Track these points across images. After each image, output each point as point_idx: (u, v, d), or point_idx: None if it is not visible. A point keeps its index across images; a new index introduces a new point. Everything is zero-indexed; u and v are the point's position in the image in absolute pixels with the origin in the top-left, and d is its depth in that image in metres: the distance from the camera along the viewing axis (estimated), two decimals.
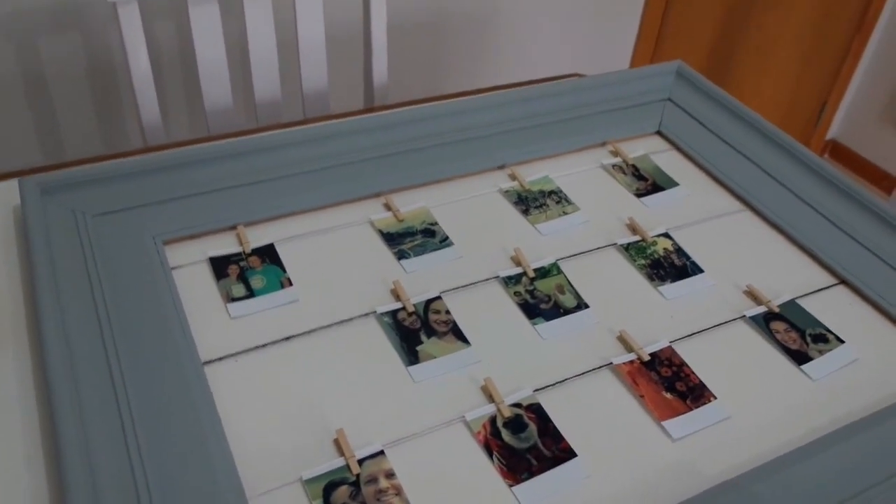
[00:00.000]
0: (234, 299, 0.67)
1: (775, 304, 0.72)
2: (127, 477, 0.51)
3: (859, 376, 0.67)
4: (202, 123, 1.00)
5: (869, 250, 0.78)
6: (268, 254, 0.72)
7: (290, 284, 0.69)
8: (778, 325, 0.71)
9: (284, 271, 0.71)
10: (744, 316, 0.71)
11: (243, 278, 0.69)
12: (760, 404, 0.64)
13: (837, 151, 2.39)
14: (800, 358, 0.68)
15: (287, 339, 0.65)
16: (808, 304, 0.73)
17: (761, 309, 0.72)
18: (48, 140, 1.15)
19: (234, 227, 0.75)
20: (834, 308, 0.74)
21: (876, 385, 0.66)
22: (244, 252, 0.72)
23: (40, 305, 0.61)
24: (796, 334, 0.70)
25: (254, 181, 0.78)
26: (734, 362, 0.67)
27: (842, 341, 0.70)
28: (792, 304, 0.73)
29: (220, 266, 0.70)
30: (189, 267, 0.70)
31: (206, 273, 0.70)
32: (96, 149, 1.18)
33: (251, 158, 0.79)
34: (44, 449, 0.54)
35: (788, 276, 0.77)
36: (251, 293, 0.68)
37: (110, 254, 0.68)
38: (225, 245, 0.73)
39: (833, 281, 0.77)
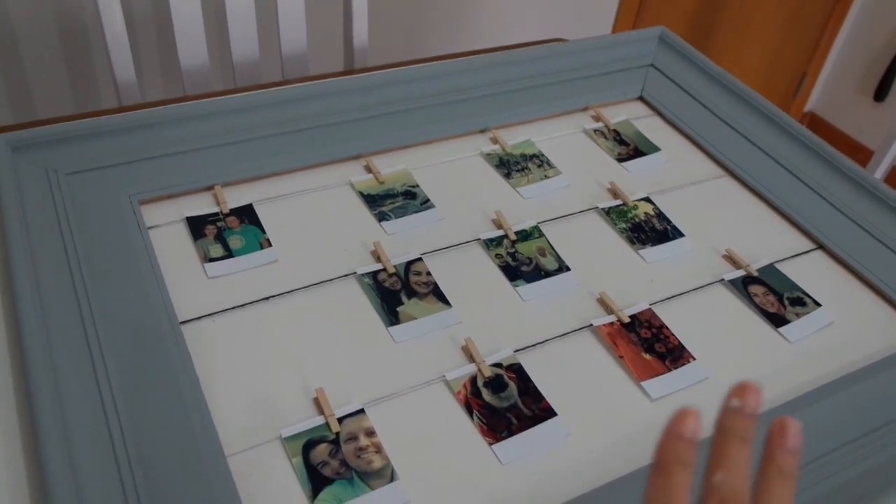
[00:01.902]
0: (211, 259, 0.66)
1: (754, 268, 0.73)
2: (104, 438, 0.50)
3: (835, 339, 0.68)
4: (178, 84, 0.98)
5: (846, 216, 0.79)
6: (246, 214, 0.71)
7: (270, 245, 0.69)
8: (756, 289, 0.71)
9: (263, 232, 0.70)
10: (723, 279, 0.72)
11: (221, 238, 0.68)
12: (738, 366, 0.64)
13: (815, 123, 2.40)
14: (777, 321, 0.68)
15: (266, 299, 0.64)
16: (786, 269, 0.74)
17: (740, 273, 0.72)
18: (18, 100, 1.12)
19: (211, 188, 0.73)
20: (811, 272, 0.74)
21: (851, 347, 0.67)
22: (222, 212, 0.71)
23: (13, 266, 0.59)
24: (774, 298, 0.70)
25: (232, 141, 0.76)
26: (713, 325, 0.68)
27: (819, 305, 0.70)
28: (770, 269, 0.73)
29: (197, 226, 0.69)
30: (165, 227, 0.69)
31: (183, 233, 0.69)
32: (68, 109, 1.15)
33: (229, 118, 0.78)
34: (18, 412, 0.53)
35: (767, 240, 0.77)
36: (229, 253, 0.67)
37: (85, 213, 0.67)
38: (202, 205, 0.72)
39: (811, 246, 0.78)
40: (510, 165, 0.82)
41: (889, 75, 2.18)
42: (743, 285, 0.71)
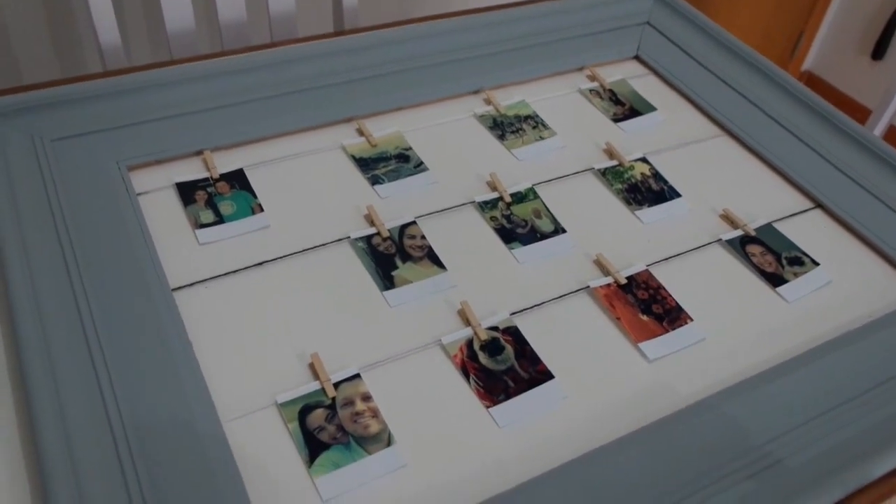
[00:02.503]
0: (202, 225, 0.65)
1: (751, 227, 0.72)
2: (98, 408, 0.50)
3: (833, 298, 0.68)
4: (164, 48, 0.96)
5: (845, 174, 0.78)
6: (237, 179, 0.70)
7: (262, 210, 0.68)
8: (754, 249, 0.70)
9: (255, 197, 0.69)
10: (720, 239, 0.71)
11: (212, 204, 0.67)
12: (736, 326, 0.64)
13: (813, 83, 2.38)
14: (775, 280, 0.68)
15: (259, 264, 0.63)
16: (784, 228, 0.73)
17: (738, 232, 0.72)
18: (1, 65, 1.10)
19: (200, 153, 0.72)
20: (809, 231, 0.74)
21: (849, 306, 0.67)
22: (212, 177, 0.70)
23: (1, 236, 0.58)
24: (772, 257, 0.70)
25: (221, 105, 0.75)
26: (710, 285, 0.67)
27: (816, 264, 0.70)
28: (768, 228, 0.73)
29: (187, 192, 0.68)
30: (155, 193, 0.68)
31: (173, 199, 0.68)
32: (53, 74, 1.13)
33: (218, 82, 0.76)
34: (11, 382, 0.53)
35: (765, 200, 0.77)
36: (220, 219, 0.66)
37: (72, 180, 0.66)
38: (192, 171, 0.71)
39: (809, 205, 0.77)
40: (504, 127, 0.81)
41: (887, 33, 2.15)
42: (740, 245, 0.71)
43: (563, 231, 0.70)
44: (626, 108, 0.86)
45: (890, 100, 1.32)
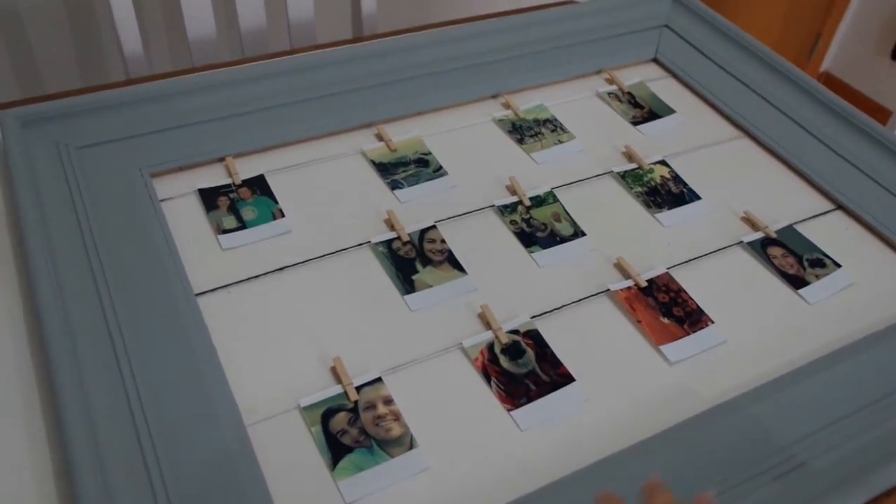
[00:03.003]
0: (224, 231, 0.66)
1: (772, 229, 0.72)
2: (124, 413, 0.50)
3: (855, 300, 0.67)
4: (185, 55, 0.97)
5: (866, 175, 0.78)
6: (258, 185, 0.71)
7: (283, 216, 0.68)
8: (775, 251, 0.70)
9: (276, 202, 0.69)
10: (741, 242, 0.71)
11: (234, 210, 0.68)
12: (757, 328, 0.64)
13: (831, 84, 2.36)
14: (797, 282, 0.68)
15: (280, 269, 0.64)
16: (806, 230, 0.73)
17: (758, 235, 0.71)
18: (25, 74, 1.11)
19: (222, 159, 0.73)
20: (831, 233, 0.73)
21: (872, 308, 0.66)
22: (234, 183, 0.70)
23: (28, 242, 0.59)
24: (793, 259, 0.70)
25: (242, 112, 0.76)
26: (732, 288, 0.67)
27: (838, 266, 0.69)
28: (789, 230, 0.72)
29: (209, 198, 0.69)
30: (178, 199, 0.69)
31: (196, 205, 0.69)
32: (75, 83, 1.15)
33: (239, 89, 0.77)
34: (38, 387, 0.54)
35: (785, 201, 0.76)
36: (243, 225, 0.67)
37: (97, 187, 0.67)
38: (214, 177, 0.71)
39: (830, 206, 0.76)
40: (523, 131, 0.81)
41: None
42: (762, 247, 0.70)
43: (583, 234, 0.70)
44: (644, 110, 0.86)
45: None
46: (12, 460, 0.50)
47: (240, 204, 0.69)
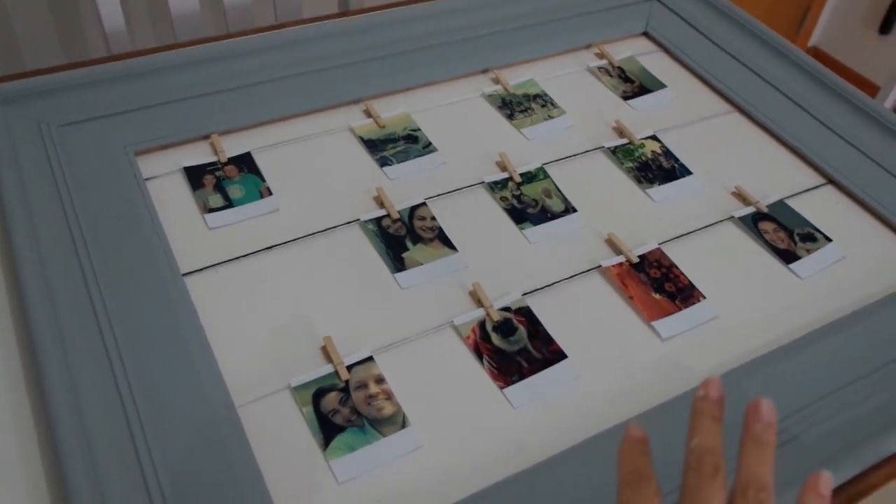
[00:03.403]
0: (211, 210, 0.65)
1: (763, 204, 0.72)
2: (112, 395, 0.50)
3: (846, 274, 0.67)
4: (168, 31, 0.95)
5: (857, 149, 0.77)
6: (245, 163, 0.70)
7: (270, 194, 0.67)
8: (766, 226, 0.70)
9: (263, 180, 0.68)
10: (732, 217, 0.71)
11: (220, 188, 0.67)
12: (749, 303, 0.63)
13: (819, 59, 2.35)
14: (788, 257, 0.67)
15: (269, 248, 0.63)
16: (796, 204, 0.73)
17: (750, 209, 0.71)
18: (3, 51, 1.09)
19: (207, 137, 0.71)
20: (822, 207, 0.73)
21: (862, 282, 0.66)
22: (220, 161, 0.69)
23: (11, 223, 0.58)
24: (784, 234, 0.69)
25: (228, 88, 0.74)
26: (723, 263, 0.67)
27: (829, 240, 0.69)
28: (780, 205, 0.72)
29: (195, 176, 0.68)
30: (163, 178, 0.68)
31: (181, 184, 0.67)
32: (55, 60, 1.12)
33: (224, 64, 0.76)
34: (23, 370, 0.53)
35: (777, 176, 0.76)
36: (229, 203, 0.66)
37: (80, 166, 0.65)
38: (199, 155, 0.70)
39: (821, 181, 0.76)
40: (513, 106, 0.80)
41: (894, 8, 2.13)
42: (753, 222, 0.70)
43: (574, 210, 0.69)
44: (635, 85, 0.85)
45: None
46: None
47: (226, 182, 0.68)
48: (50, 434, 0.47)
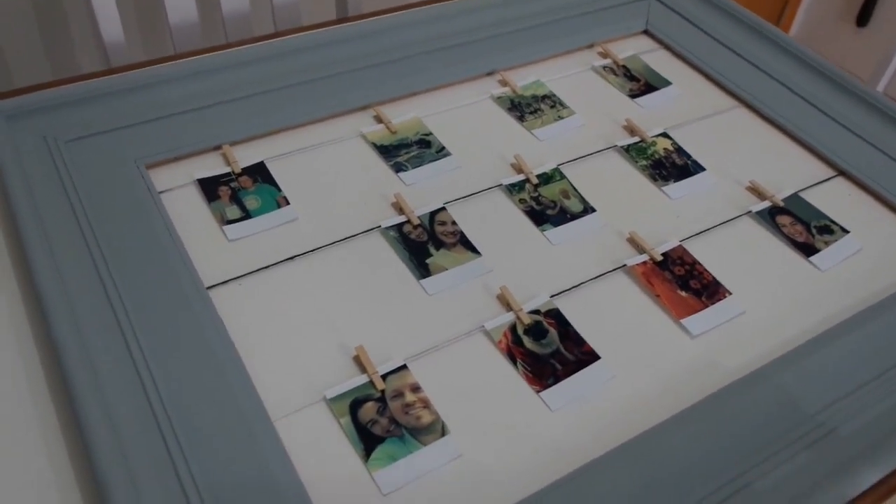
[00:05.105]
0: (229, 221, 0.64)
1: (779, 198, 0.72)
2: (147, 417, 0.48)
3: (865, 264, 0.67)
4: (166, 42, 0.94)
5: (864, 139, 0.78)
6: (259, 172, 0.69)
7: (287, 203, 0.66)
8: (783, 219, 0.70)
9: (279, 190, 0.67)
10: (749, 212, 0.71)
11: (236, 199, 0.66)
12: (774, 297, 0.64)
13: None
14: (807, 250, 0.68)
15: (291, 258, 0.62)
16: (810, 197, 0.73)
17: (766, 204, 0.71)
18: None
19: (218, 147, 0.70)
20: (835, 199, 0.73)
21: (881, 272, 0.67)
22: (233, 172, 0.68)
23: (29, 246, 0.56)
24: (802, 227, 0.70)
25: (236, 98, 0.73)
26: (744, 258, 0.67)
27: (846, 231, 0.70)
28: (795, 198, 0.72)
29: (209, 188, 0.67)
30: (177, 190, 0.66)
31: (196, 196, 0.66)
32: (45, 75, 1.10)
33: (230, 74, 0.75)
34: (53, 397, 0.51)
35: (788, 169, 0.76)
36: (247, 214, 0.65)
37: (91, 181, 0.64)
38: (211, 166, 0.69)
39: (832, 173, 0.77)
40: (522, 108, 0.79)
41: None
42: (770, 216, 0.70)
43: (593, 210, 0.69)
44: (641, 83, 0.85)
45: (884, 68, 1.32)
46: (33, 480, 0.47)
47: (242, 193, 0.67)
48: (88, 458, 0.46)
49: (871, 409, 0.54)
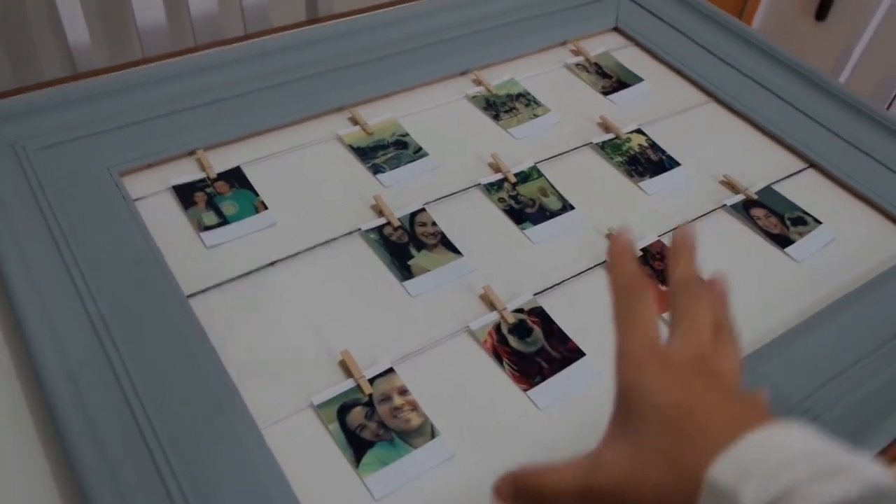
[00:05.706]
0: (206, 228, 0.63)
1: (752, 191, 0.73)
2: (132, 430, 0.47)
3: (839, 254, 0.69)
4: (134, 46, 0.92)
5: (832, 132, 0.80)
6: (235, 178, 0.68)
7: (265, 208, 0.65)
8: (758, 212, 0.71)
9: (256, 195, 0.66)
10: (724, 205, 0.72)
11: (213, 205, 0.65)
12: (752, 288, 0.64)
13: None
14: (782, 241, 0.69)
15: (271, 264, 0.61)
16: (782, 189, 0.74)
17: (740, 197, 0.72)
18: None
19: (193, 153, 0.69)
20: (806, 191, 0.75)
21: (855, 261, 0.68)
22: (209, 177, 0.67)
23: (3, 261, 0.55)
24: (776, 219, 0.71)
25: (209, 101, 0.72)
26: (721, 250, 0.68)
27: (819, 222, 0.71)
28: (768, 190, 0.74)
29: (185, 194, 0.66)
30: (152, 198, 0.65)
31: (172, 203, 0.65)
32: (6, 83, 1.08)
33: (201, 78, 0.74)
34: (34, 420, 0.50)
35: (760, 163, 0.77)
36: (224, 220, 0.64)
37: (64, 190, 0.62)
38: (186, 172, 0.68)
39: (802, 165, 0.78)
40: (497, 106, 0.80)
41: None
42: (744, 209, 0.71)
43: (572, 207, 0.69)
44: (613, 80, 0.85)
45: (844, 63, 1.35)
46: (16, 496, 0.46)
47: (218, 199, 0.66)
48: (72, 473, 0.45)
49: (852, 393, 0.55)
